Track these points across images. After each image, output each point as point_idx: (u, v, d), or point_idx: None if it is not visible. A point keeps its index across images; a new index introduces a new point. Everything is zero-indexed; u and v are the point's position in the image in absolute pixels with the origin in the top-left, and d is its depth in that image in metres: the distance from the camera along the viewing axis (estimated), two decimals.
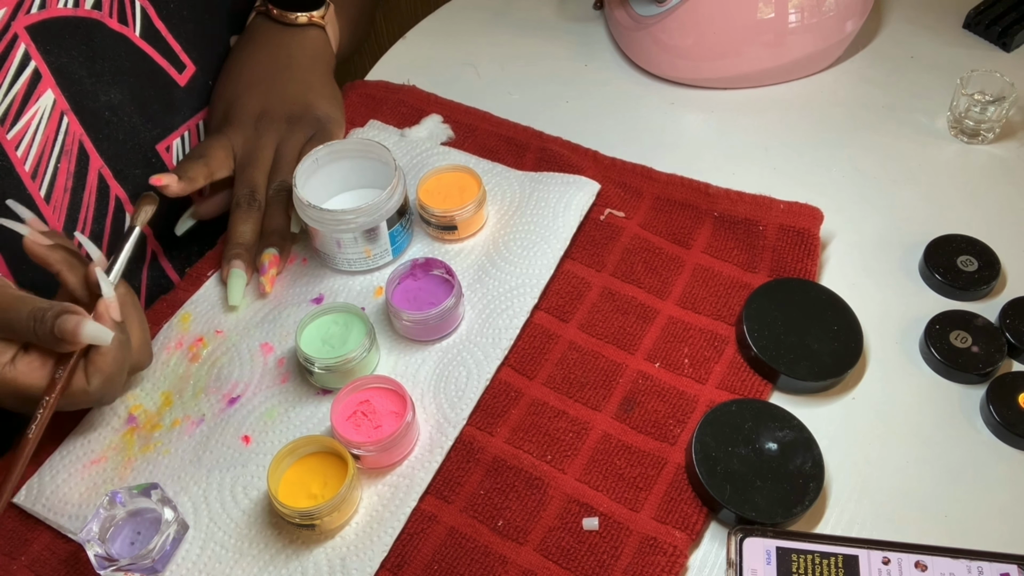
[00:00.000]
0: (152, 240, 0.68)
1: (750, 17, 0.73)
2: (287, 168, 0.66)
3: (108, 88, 0.62)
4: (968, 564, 0.47)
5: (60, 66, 0.58)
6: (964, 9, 0.81)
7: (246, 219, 0.64)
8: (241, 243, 0.64)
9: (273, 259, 0.63)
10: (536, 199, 0.66)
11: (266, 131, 0.67)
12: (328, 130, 0.69)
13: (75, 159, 0.61)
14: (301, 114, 0.69)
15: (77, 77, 0.60)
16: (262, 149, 0.67)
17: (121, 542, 0.52)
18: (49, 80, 0.58)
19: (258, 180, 0.65)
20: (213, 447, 0.56)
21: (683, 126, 0.76)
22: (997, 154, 0.71)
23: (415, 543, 0.52)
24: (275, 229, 0.65)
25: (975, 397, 0.56)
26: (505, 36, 0.86)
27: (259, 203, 0.65)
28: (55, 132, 0.59)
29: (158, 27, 0.65)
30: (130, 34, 0.63)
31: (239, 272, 0.63)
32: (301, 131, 0.68)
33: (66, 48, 0.58)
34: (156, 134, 0.67)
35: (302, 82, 0.70)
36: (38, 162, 0.58)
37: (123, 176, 0.65)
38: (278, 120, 0.68)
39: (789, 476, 0.51)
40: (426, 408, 0.57)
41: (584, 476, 0.54)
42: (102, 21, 0.60)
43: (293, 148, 0.67)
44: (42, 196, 0.59)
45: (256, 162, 0.66)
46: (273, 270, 0.63)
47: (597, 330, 0.60)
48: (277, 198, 0.65)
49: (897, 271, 0.64)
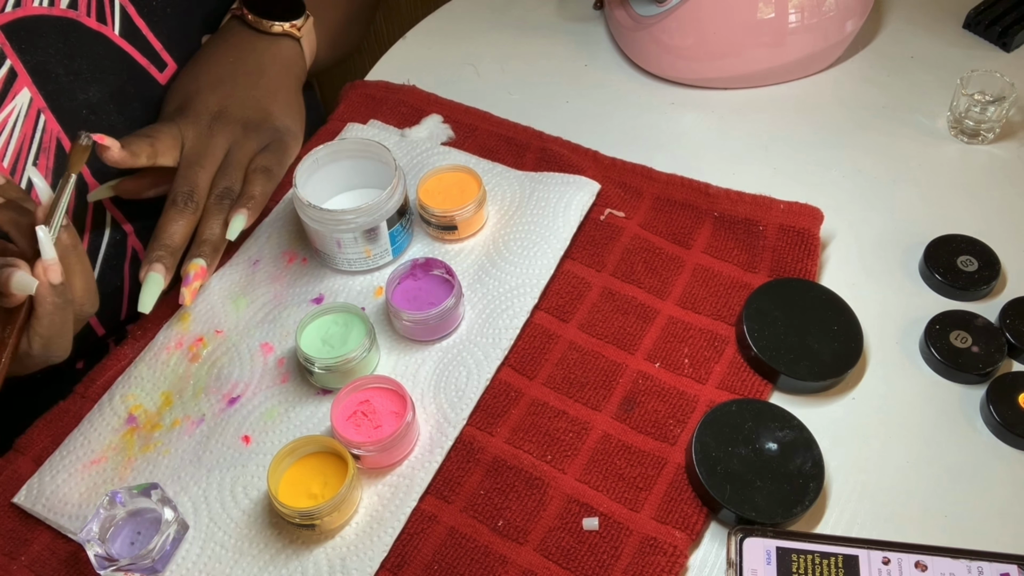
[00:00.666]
0: (133, 238, 0.67)
1: (750, 17, 0.73)
2: (234, 174, 0.62)
3: (86, 86, 0.61)
4: (968, 564, 0.47)
5: (36, 64, 0.58)
6: (964, 9, 0.81)
7: (178, 219, 0.60)
8: (167, 245, 0.59)
9: (200, 271, 0.60)
10: (536, 199, 0.66)
11: (220, 131, 0.64)
12: (285, 142, 0.66)
13: (53, 156, 0.60)
14: (259, 121, 0.66)
15: (54, 75, 0.59)
16: (212, 148, 0.63)
17: (121, 542, 0.52)
18: (25, 78, 0.57)
19: (200, 181, 0.61)
20: (213, 447, 0.56)
21: (683, 126, 0.76)
22: (997, 154, 0.71)
23: (415, 543, 0.52)
24: (208, 239, 0.61)
25: (975, 397, 0.56)
26: (505, 36, 0.86)
27: (196, 204, 0.60)
28: (32, 130, 0.58)
29: (138, 25, 0.63)
30: (109, 32, 0.62)
31: (156, 277, 0.58)
32: (256, 139, 0.65)
33: (42, 46, 0.58)
34: None
35: (266, 89, 0.67)
36: (16, 160, 0.58)
37: (102, 174, 0.64)
38: (234, 123, 0.65)
39: (789, 476, 0.51)
40: (426, 408, 0.57)
41: (584, 476, 0.54)
42: (78, 20, 0.60)
43: (244, 154, 0.64)
44: None
45: (203, 160, 0.62)
46: (198, 283, 0.60)
47: (597, 330, 0.60)
48: (218, 206, 0.61)
49: (897, 271, 0.64)
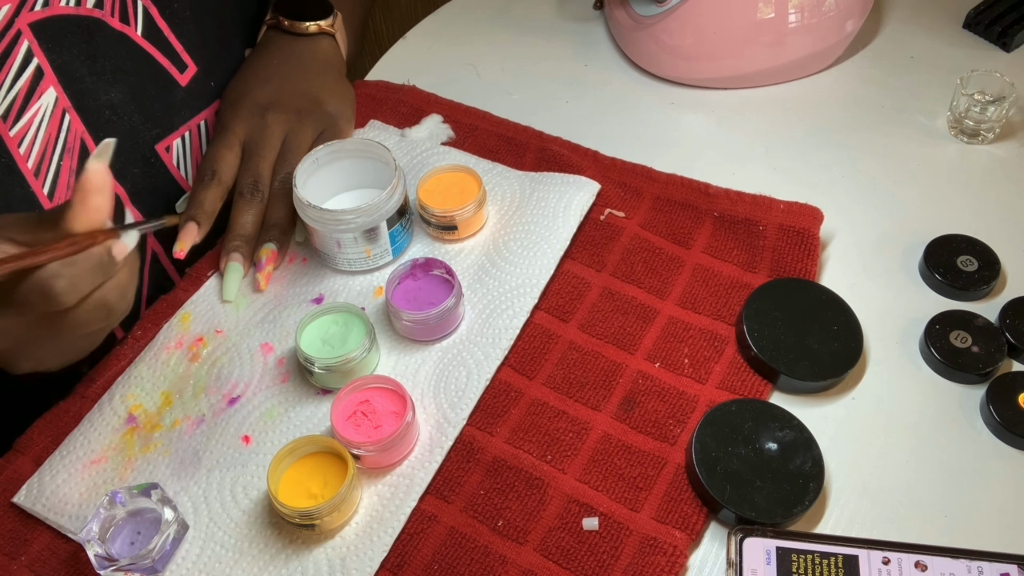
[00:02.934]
0: (152, 240, 0.68)
1: (750, 17, 0.73)
2: (294, 160, 0.65)
3: (108, 87, 0.62)
4: (968, 564, 0.47)
5: (62, 64, 0.58)
6: (964, 9, 0.81)
7: (247, 210, 0.64)
8: (241, 235, 0.63)
9: (271, 255, 0.63)
10: (536, 199, 0.66)
11: (275, 121, 0.67)
12: (338, 126, 0.69)
13: (77, 157, 0.61)
14: (311, 108, 0.68)
15: (78, 75, 0.60)
16: (269, 139, 0.66)
17: (121, 542, 0.52)
18: (51, 78, 0.58)
19: (263, 170, 0.65)
20: (213, 447, 0.56)
21: (683, 126, 0.76)
22: (997, 154, 0.71)
23: (415, 543, 0.52)
24: (276, 222, 0.64)
25: (975, 397, 0.56)
26: (505, 36, 0.86)
27: (262, 194, 0.64)
28: (57, 130, 0.59)
29: (160, 26, 0.64)
30: (131, 33, 0.62)
31: (236, 266, 0.63)
32: (311, 125, 0.68)
33: (67, 46, 0.58)
34: (156, 134, 0.66)
35: (313, 81, 0.70)
36: (40, 160, 0.58)
37: (123, 175, 0.64)
38: (288, 111, 0.68)
39: (789, 476, 0.51)
40: (426, 408, 0.57)
41: (584, 476, 0.54)
42: (103, 20, 0.60)
43: (302, 141, 0.67)
44: (45, 194, 0.59)
45: (262, 151, 0.65)
46: (270, 266, 0.63)
47: (597, 330, 0.60)
48: (282, 190, 0.65)
49: (897, 271, 0.64)
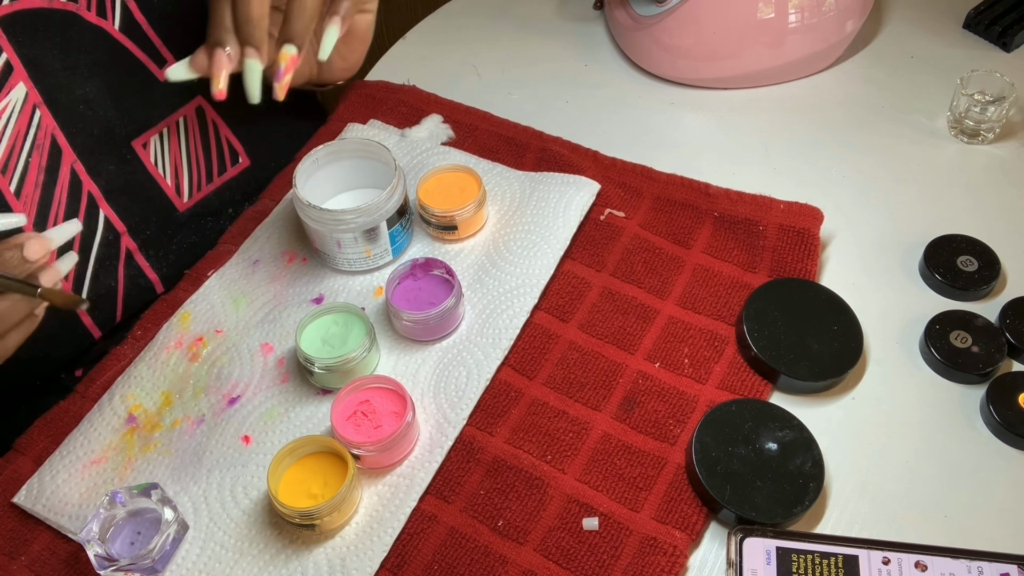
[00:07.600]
0: (126, 237, 0.66)
1: (750, 17, 0.73)
2: None
3: (84, 81, 0.60)
4: (968, 564, 0.47)
5: (33, 58, 0.57)
6: (964, 9, 0.81)
7: None
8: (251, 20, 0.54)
9: (291, 61, 0.55)
10: (536, 199, 0.66)
11: None
12: None
13: (47, 153, 0.59)
14: None
15: (51, 70, 0.58)
16: None
17: (121, 542, 0.52)
18: (21, 72, 0.56)
19: None
20: (213, 447, 0.56)
21: (683, 126, 0.76)
22: (997, 154, 0.71)
23: (415, 543, 0.52)
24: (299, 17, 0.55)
25: (975, 397, 0.56)
26: (505, 36, 0.86)
27: None
28: (27, 126, 0.58)
29: (139, 21, 0.63)
30: (108, 27, 0.61)
31: (254, 65, 0.55)
32: None
33: (39, 40, 0.57)
34: (132, 129, 0.64)
35: None
36: (8, 156, 0.57)
37: (96, 171, 0.63)
38: None
39: (789, 476, 0.51)
40: (426, 408, 0.57)
41: (584, 476, 0.54)
42: (78, 13, 0.59)
43: None
44: (12, 191, 0.58)
45: None
46: (288, 76, 0.56)
47: (597, 330, 0.60)
48: None
49: (897, 271, 0.64)
